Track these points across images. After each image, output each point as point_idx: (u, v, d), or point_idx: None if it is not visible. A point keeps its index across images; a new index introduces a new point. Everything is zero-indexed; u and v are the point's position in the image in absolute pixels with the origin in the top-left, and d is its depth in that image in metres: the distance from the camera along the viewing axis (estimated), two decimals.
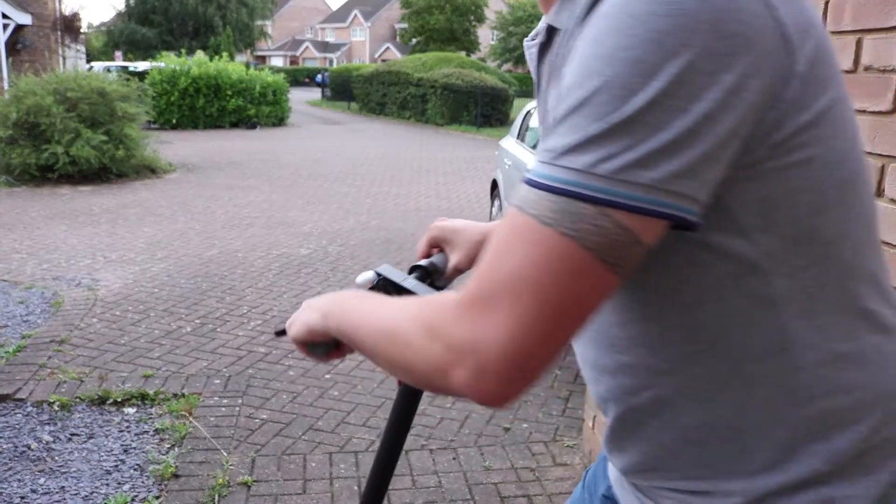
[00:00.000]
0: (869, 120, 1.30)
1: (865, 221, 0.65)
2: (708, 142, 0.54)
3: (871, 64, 1.29)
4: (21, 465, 2.65)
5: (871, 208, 0.67)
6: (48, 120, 8.72)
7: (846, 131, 0.62)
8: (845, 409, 0.64)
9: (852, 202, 0.63)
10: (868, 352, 0.65)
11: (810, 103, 0.58)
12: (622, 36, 0.53)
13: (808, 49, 0.58)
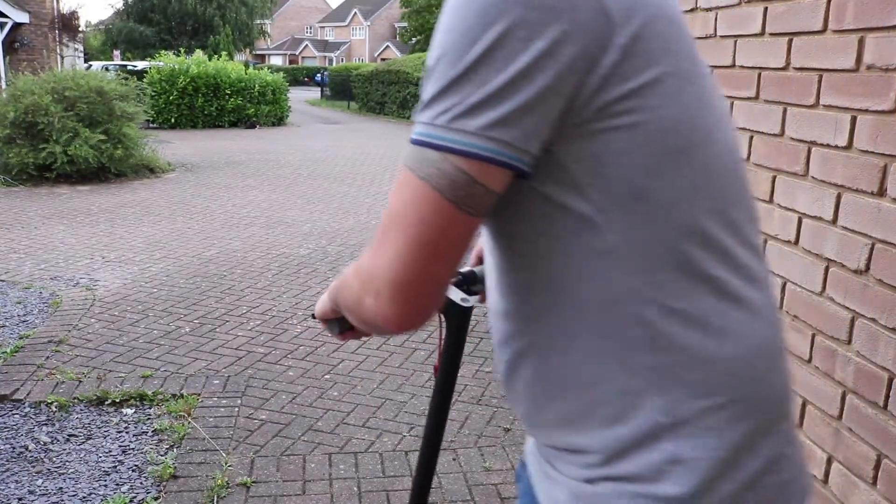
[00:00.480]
0: (871, 119, 1.29)
1: (710, 192, 0.69)
2: (523, 96, 0.63)
3: (874, 63, 1.29)
4: (19, 465, 2.64)
5: (726, 181, 0.71)
6: (46, 119, 8.70)
7: (680, 104, 0.67)
8: (683, 365, 0.68)
9: (689, 171, 0.68)
10: (711, 315, 0.68)
11: (634, 74, 0.65)
12: (456, 14, 0.65)
13: (633, 25, 0.65)
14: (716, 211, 0.70)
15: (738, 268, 0.71)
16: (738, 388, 0.70)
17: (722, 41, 1.78)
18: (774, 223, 1.57)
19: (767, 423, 0.72)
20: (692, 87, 0.69)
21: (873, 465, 1.28)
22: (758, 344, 0.71)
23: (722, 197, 0.71)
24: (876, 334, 1.28)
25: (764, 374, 0.72)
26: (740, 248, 0.71)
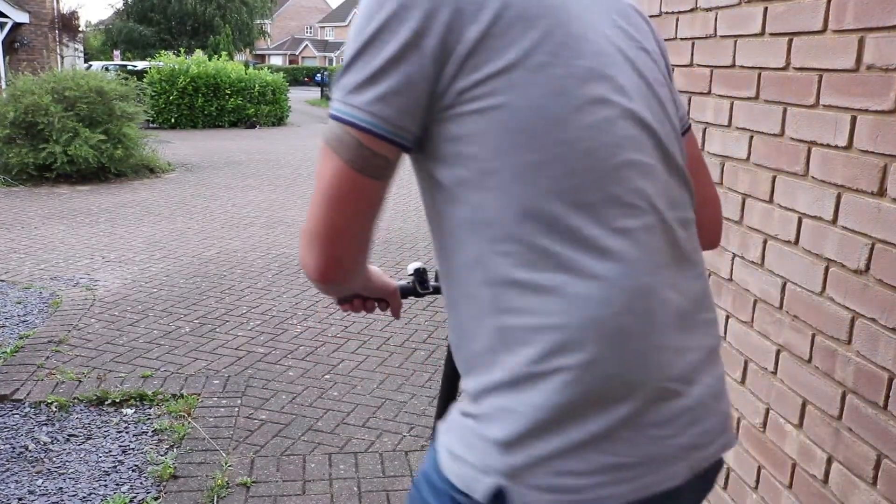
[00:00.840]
0: (871, 119, 1.29)
1: (556, 174, 0.75)
2: (394, 79, 0.75)
3: (874, 63, 1.29)
4: (19, 465, 2.64)
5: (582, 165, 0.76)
6: (46, 119, 8.70)
7: (526, 93, 0.75)
8: (523, 329, 0.76)
9: (533, 154, 0.75)
10: (548, 285, 0.75)
11: (483, 65, 0.75)
12: (359, 12, 0.78)
13: (483, 20, 0.75)
14: (562, 192, 0.75)
15: (586, 246, 0.75)
16: (570, 357, 0.74)
17: (722, 41, 1.78)
18: (774, 223, 1.57)
19: (602, 399, 0.75)
20: (544, 76, 0.76)
21: (873, 465, 1.28)
22: (595, 319, 0.75)
23: (572, 180, 0.75)
24: (876, 334, 1.28)
25: (602, 349, 0.75)
26: (594, 228, 0.76)
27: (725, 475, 1.77)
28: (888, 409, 1.25)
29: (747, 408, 1.67)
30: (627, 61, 0.83)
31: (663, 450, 0.78)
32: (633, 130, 0.80)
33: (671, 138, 0.86)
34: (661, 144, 0.83)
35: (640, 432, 0.77)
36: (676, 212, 0.84)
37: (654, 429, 0.78)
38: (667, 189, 0.83)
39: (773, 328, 1.58)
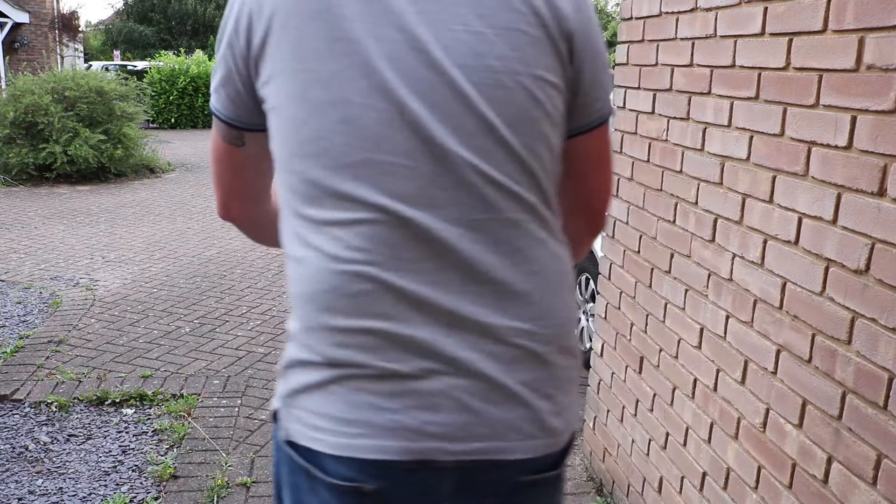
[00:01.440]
0: (871, 119, 1.29)
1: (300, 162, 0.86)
2: (220, 74, 0.93)
3: (874, 63, 1.29)
4: (19, 466, 2.64)
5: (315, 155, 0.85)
6: (46, 119, 8.70)
7: (280, 96, 0.86)
8: (291, 294, 0.91)
9: (288, 145, 0.87)
10: (297, 256, 0.89)
11: (261, 72, 0.88)
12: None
13: (261, 28, 0.86)
14: (298, 189, 0.87)
15: (331, 215, 0.85)
16: (294, 322, 0.91)
17: (722, 41, 1.78)
18: (774, 223, 1.57)
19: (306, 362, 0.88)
20: (291, 82, 0.85)
21: (873, 465, 1.28)
22: (308, 293, 0.88)
23: (321, 161, 0.85)
24: (876, 334, 1.28)
25: (315, 316, 0.87)
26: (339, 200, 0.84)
27: (725, 475, 1.77)
28: (888, 409, 1.25)
29: (747, 408, 1.67)
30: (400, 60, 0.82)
31: (377, 420, 0.84)
32: (382, 130, 0.82)
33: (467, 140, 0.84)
34: (434, 146, 0.83)
35: (355, 396, 0.85)
36: (445, 210, 0.84)
37: (371, 397, 0.85)
38: (429, 188, 0.83)
39: (772, 328, 1.58)
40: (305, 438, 0.88)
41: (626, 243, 2.38)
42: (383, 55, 0.82)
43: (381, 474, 0.86)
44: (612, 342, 2.50)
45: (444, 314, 0.85)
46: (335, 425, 0.86)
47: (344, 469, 0.86)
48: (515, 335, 0.87)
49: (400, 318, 0.84)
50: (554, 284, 0.91)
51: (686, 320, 1.97)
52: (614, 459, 2.48)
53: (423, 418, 0.85)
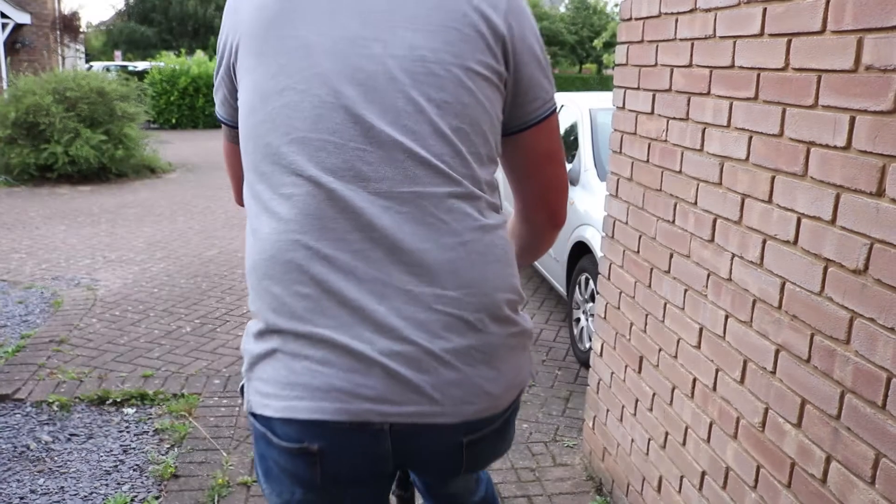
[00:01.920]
0: (869, 120, 1.30)
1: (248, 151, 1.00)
2: (215, 88, 1.12)
3: (872, 63, 1.29)
4: (20, 465, 2.64)
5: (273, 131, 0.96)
6: (47, 119, 8.71)
7: (248, 80, 1.00)
8: (246, 268, 1.02)
9: (250, 129, 0.99)
10: (252, 229, 0.99)
11: (237, 77, 1.03)
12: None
13: (234, 45, 1.02)
14: (252, 165, 0.99)
15: (264, 206, 0.96)
16: (251, 293, 1.00)
17: (721, 42, 1.78)
18: (773, 223, 1.58)
19: (257, 333, 0.98)
20: (250, 77, 0.99)
21: (872, 465, 1.29)
22: (254, 262, 0.98)
23: (255, 155, 0.98)
24: (875, 334, 1.28)
25: (255, 288, 0.98)
26: (266, 192, 0.96)
27: (724, 474, 1.77)
28: (887, 408, 1.26)
29: (746, 407, 1.67)
30: (340, 53, 0.94)
31: (314, 382, 0.92)
32: (318, 112, 0.93)
33: (396, 120, 0.93)
34: (364, 125, 0.93)
35: (295, 361, 0.93)
36: (373, 184, 0.93)
37: (308, 362, 0.92)
38: (358, 163, 0.92)
39: (771, 328, 1.58)
40: (259, 406, 0.98)
41: (626, 243, 2.38)
42: (325, 50, 0.94)
43: (322, 434, 0.94)
44: (612, 342, 2.50)
45: (373, 283, 0.92)
46: (279, 390, 0.94)
47: (291, 431, 0.95)
48: (443, 303, 0.93)
49: (331, 285, 0.92)
50: (481, 254, 0.97)
51: (685, 320, 1.97)
52: (614, 459, 2.49)
53: (357, 381, 0.91)
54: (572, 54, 45.35)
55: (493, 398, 0.98)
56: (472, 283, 0.95)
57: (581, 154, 4.26)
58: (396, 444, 0.96)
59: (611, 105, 2.53)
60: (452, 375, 0.93)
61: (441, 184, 0.94)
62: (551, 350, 4.01)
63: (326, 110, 0.93)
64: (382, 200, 0.92)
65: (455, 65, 0.95)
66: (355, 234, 0.92)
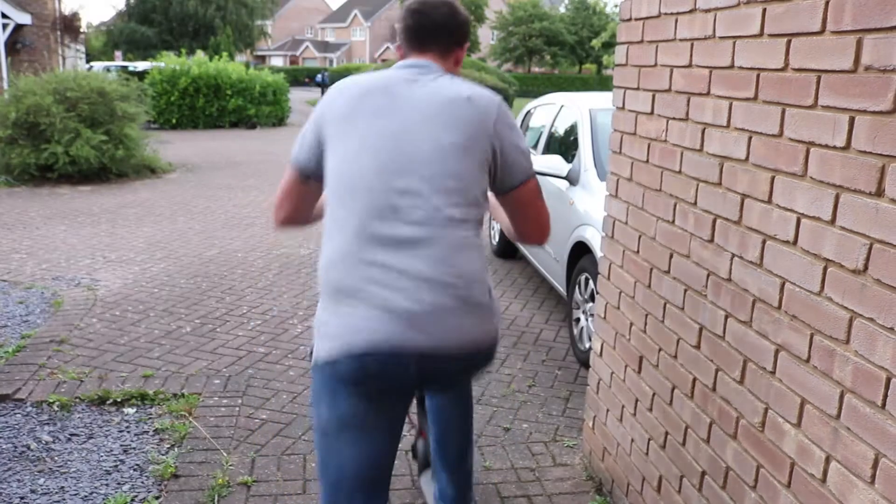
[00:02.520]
0: (869, 120, 1.30)
1: (333, 192, 1.61)
2: (302, 146, 1.71)
3: (872, 64, 1.29)
4: (20, 465, 2.64)
5: (342, 192, 1.59)
6: (48, 120, 8.71)
7: (332, 158, 1.62)
8: (320, 263, 1.62)
9: (333, 182, 1.61)
10: (328, 234, 1.61)
11: (325, 148, 1.65)
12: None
13: (322, 129, 1.65)
14: (332, 197, 1.62)
15: (334, 219, 1.61)
16: (321, 276, 1.60)
17: (721, 42, 1.78)
18: (773, 223, 1.58)
19: (331, 300, 1.56)
20: (334, 154, 1.63)
21: (871, 465, 1.29)
22: (327, 256, 1.59)
23: (335, 191, 1.61)
24: (874, 334, 1.28)
25: (325, 271, 1.58)
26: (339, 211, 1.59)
27: (724, 474, 1.78)
28: (886, 408, 1.26)
29: (746, 407, 1.68)
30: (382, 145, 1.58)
31: (367, 326, 1.50)
32: (365, 175, 1.57)
33: (423, 191, 1.54)
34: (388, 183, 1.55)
35: (350, 316, 1.52)
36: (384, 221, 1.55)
37: (361, 314, 1.51)
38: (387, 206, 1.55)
39: (771, 328, 1.58)
40: (325, 355, 1.54)
41: (626, 243, 2.38)
42: (373, 143, 1.58)
43: (373, 363, 1.50)
44: (612, 342, 2.50)
45: (397, 270, 1.51)
46: (341, 336, 1.52)
47: (351, 366, 1.51)
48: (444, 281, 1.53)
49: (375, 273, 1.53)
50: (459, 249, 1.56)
51: (685, 320, 1.97)
52: (613, 459, 2.49)
53: (395, 327, 1.49)
54: (572, 54, 45.36)
55: (477, 341, 1.58)
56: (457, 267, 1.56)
57: (581, 154, 4.26)
58: (418, 367, 1.52)
59: (611, 105, 2.53)
60: (454, 322, 1.53)
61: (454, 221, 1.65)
62: (551, 350, 4.01)
63: (372, 176, 1.59)
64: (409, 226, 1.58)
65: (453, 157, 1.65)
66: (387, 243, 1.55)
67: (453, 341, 1.52)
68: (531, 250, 4.98)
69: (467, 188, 1.56)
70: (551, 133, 5.09)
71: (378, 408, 1.59)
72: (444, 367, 1.56)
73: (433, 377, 1.58)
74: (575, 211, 3.98)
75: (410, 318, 1.47)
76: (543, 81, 41.96)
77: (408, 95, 1.59)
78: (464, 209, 1.55)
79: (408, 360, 1.49)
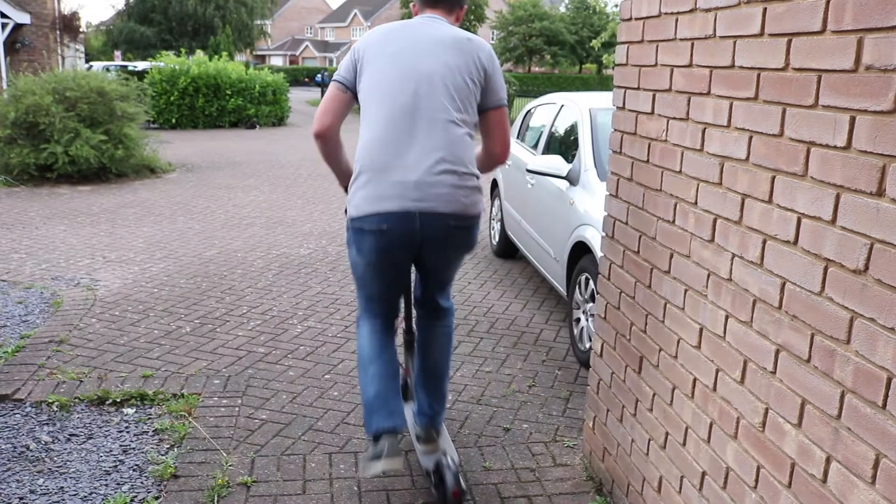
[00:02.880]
0: (870, 120, 1.30)
1: (367, 102, 2.29)
2: (343, 69, 2.36)
3: (872, 63, 1.29)
4: (20, 465, 2.64)
5: (376, 101, 2.26)
6: (47, 119, 8.71)
7: (367, 79, 2.29)
8: (357, 153, 2.30)
9: (366, 94, 2.29)
10: (363, 134, 2.29)
11: (360, 72, 2.33)
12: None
13: (360, 57, 2.34)
14: (366, 105, 2.28)
15: (368, 120, 2.26)
16: (357, 159, 2.28)
17: (721, 42, 1.78)
18: (773, 223, 1.58)
19: (368, 174, 2.21)
20: (369, 76, 2.27)
21: (872, 465, 1.29)
22: (362, 147, 2.26)
23: (370, 101, 2.26)
24: (875, 334, 1.28)
25: (359, 156, 2.25)
26: (372, 115, 2.25)
27: (724, 475, 1.77)
28: (887, 408, 1.26)
29: (746, 407, 1.67)
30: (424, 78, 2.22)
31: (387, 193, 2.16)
32: (396, 86, 2.22)
33: (433, 95, 2.21)
34: (407, 89, 2.21)
35: (375, 186, 2.17)
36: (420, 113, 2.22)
37: (381, 186, 2.17)
38: (413, 107, 2.21)
39: (772, 328, 1.58)
40: (356, 212, 2.21)
41: (626, 243, 2.38)
42: (398, 60, 2.25)
43: (389, 220, 2.15)
44: (612, 342, 2.50)
45: (413, 153, 2.17)
46: (368, 201, 2.18)
47: (374, 222, 2.16)
48: (442, 165, 2.19)
49: (393, 157, 2.19)
50: (458, 143, 2.22)
51: (685, 320, 1.97)
52: (614, 459, 2.49)
53: (405, 193, 2.15)
54: (572, 54, 45.33)
55: (465, 207, 2.22)
56: (454, 155, 2.22)
57: (581, 154, 4.26)
58: (421, 223, 2.17)
59: (611, 105, 2.53)
60: (446, 191, 2.18)
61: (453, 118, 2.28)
62: (551, 350, 4.01)
63: (401, 87, 2.24)
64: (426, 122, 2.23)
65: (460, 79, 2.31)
66: (406, 136, 2.21)
67: (446, 206, 2.17)
68: (531, 250, 4.98)
69: (464, 98, 2.24)
70: (551, 133, 5.09)
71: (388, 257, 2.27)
72: (438, 224, 2.19)
73: (431, 235, 2.20)
74: (575, 211, 3.98)
75: (417, 188, 2.15)
76: (543, 81, 41.97)
77: (424, 32, 2.28)
78: (462, 114, 2.23)
79: (415, 221, 2.16)
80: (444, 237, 2.22)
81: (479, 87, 2.27)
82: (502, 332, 4.24)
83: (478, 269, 5.62)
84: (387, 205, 2.14)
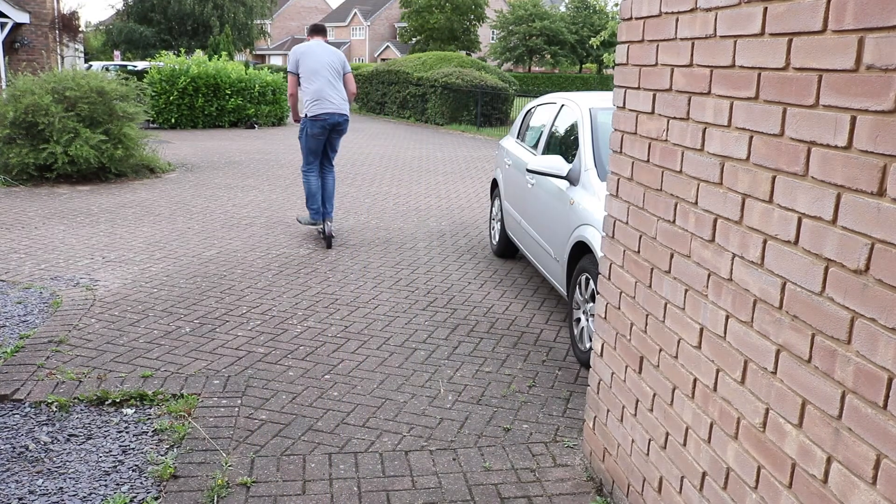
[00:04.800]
0: (870, 119, 1.29)
1: (304, 80, 6.22)
2: (291, 66, 6.34)
3: (873, 63, 1.29)
4: (19, 465, 2.64)
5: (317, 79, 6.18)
6: (46, 119, 8.70)
7: (303, 69, 6.19)
8: (303, 99, 6.34)
9: (304, 77, 6.18)
10: (306, 92, 6.40)
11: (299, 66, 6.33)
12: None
13: (299, 58, 6.27)
14: (304, 80, 6.20)
15: (305, 90, 6.20)
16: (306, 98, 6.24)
17: (722, 41, 1.78)
18: (774, 223, 1.57)
19: (316, 101, 6.11)
20: (304, 67, 6.14)
21: (873, 465, 1.28)
22: (306, 97, 6.19)
23: (305, 79, 6.17)
24: (876, 334, 1.28)
25: (313, 95, 6.13)
26: (308, 84, 6.15)
27: (725, 475, 1.77)
28: (888, 408, 1.25)
29: (747, 408, 1.67)
30: (325, 65, 6.13)
31: (321, 108, 6.10)
32: (317, 69, 6.13)
33: (329, 72, 6.11)
34: (324, 73, 6.10)
35: (319, 105, 6.11)
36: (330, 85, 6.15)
37: (320, 103, 6.12)
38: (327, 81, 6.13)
39: (772, 328, 1.58)
40: (312, 113, 6.07)
41: (626, 243, 2.38)
42: (318, 60, 6.14)
43: (324, 118, 6.07)
44: (612, 342, 2.50)
45: (332, 98, 6.12)
46: (317, 110, 6.05)
47: (321, 117, 6.07)
48: (343, 100, 6.21)
49: (324, 94, 6.11)
50: (341, 89, 6.21)
51: (686, 320, 1.97)
52: (614, 459, 2.48)
53: (330, 107, 6.08)
54: (572, 54, 45.34)
55: (346, 112, 6.22)
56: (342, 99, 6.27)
57: (581, 154, 4.26)
58: (333, 118, 6.09)
59: (611, 105, 2.53)
60: (341, 107, 6.15)
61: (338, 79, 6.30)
62: (551, 350, 4.01)
63: (319, 70, 6.12)
64: (330, 87, 6.18)
65: (337, 67, 6.28)
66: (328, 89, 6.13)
67: (341, 114, 6.06)
68: (531, 250, 4.98)
69: (337, 73, 6.09)
70: (551, 133, 5.09)
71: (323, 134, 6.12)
72: (340, 120, 6.07)
73: (338, 125, 6.11)
74: (575, 211, 3.98)
75: (336, 107, 6.00)
76: (544, 81, 41.98)
77: (320, 47, 6.10)
78: (339, 80, 6.10)
79: (335, 116, 6.02)
80: (340, 126, 6.12)
81: (341, 68, 6.09)
82: (502, 333, 4.24)
83: (478, 269, 5.62)
84: (325, 111, 5.96)
